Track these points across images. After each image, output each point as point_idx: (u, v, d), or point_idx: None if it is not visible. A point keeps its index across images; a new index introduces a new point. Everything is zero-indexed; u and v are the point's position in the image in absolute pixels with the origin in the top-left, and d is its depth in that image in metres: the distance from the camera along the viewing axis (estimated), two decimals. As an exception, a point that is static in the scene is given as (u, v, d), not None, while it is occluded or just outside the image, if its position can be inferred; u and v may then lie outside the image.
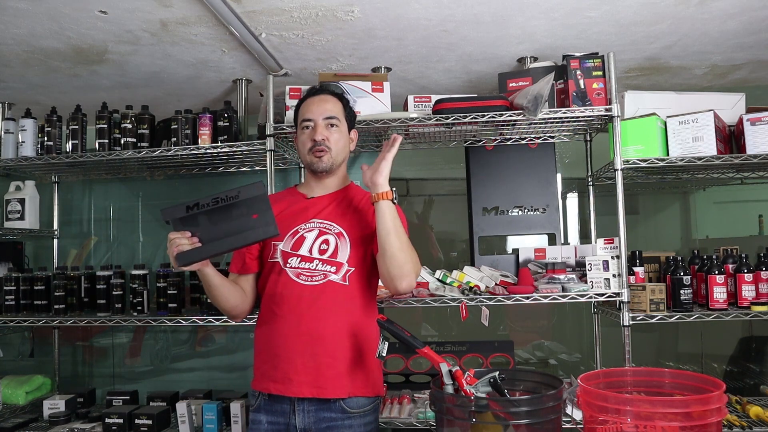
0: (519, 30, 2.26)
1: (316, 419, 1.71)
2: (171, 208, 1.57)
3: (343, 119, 1.86)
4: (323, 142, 1.80)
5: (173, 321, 2.44)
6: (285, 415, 1.73)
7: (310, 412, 1.71)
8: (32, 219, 2.94)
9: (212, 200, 1.57)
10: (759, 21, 2.23)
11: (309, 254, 1.76)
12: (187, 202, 1.56)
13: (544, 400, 1.39)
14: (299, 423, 1.71)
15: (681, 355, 3.32)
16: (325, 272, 1.74)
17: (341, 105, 1.88)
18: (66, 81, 2.67)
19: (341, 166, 1.89)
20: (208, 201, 1.57)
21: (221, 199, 1.57)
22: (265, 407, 1.76)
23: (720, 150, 2.28)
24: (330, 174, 1.87)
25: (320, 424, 1.71)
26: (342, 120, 1.86)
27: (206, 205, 1.56)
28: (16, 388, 2.78)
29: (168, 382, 3.07)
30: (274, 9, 2.03)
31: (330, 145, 1.82)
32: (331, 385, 1.71)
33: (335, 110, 1.85)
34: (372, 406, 1.79)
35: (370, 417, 1.79)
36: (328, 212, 1.82)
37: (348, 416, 1.72)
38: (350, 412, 1.73)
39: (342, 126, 1.85)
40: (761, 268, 2.23)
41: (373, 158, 2.92)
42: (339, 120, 1.84)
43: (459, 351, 2.71)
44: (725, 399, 1.33)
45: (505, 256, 2.70)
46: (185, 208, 1.55)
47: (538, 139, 2.67)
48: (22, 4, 1.95)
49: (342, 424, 1.72)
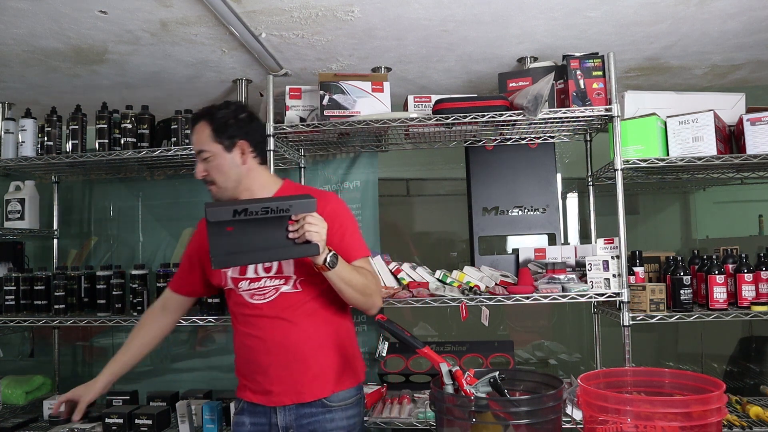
0: (519, 30, 2.26)
1: (297, 416, 1.75)
2: (216, 208, 1.50)
3: (214, 144, 1.74)
4: (204, 178, 1.78)
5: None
6: (266, 415, 1.77)
7: (290, 412, 1.75)
8: (32, 219, 2.94)
9: (262, 209, 1.50)
10: (759, 21, 2.23)
11: (256, 275, 1.77)
12: (235, 206, 1.50)
13: (544, 400, 1.39)
14: (281, 422, 1.75)
15: (681, 355, 3.32)
16: (275, 287, 1.75)
17: (209, 128, 1.75)
18: (66, 81, 2.67)
19: (246, 183, 1.78)
20: (258, 209, 1.50)
21: (271, 209, 1.51)
22: (247, 410, 1.81)
23: (720, 150, 2.28)
24: (242, 193, 1.79)
25: (301, 421, 1.74)
26: (212, 147, 1.74)
27: (255, 212, 1.50)
28: (16, 388, 2.78)
29: (168, 382, 3.07)
30: (274, 9, 2.03)
31: (210, 178, 1.77)
32: (309, 389, 1.74)
33: (202, 140, 1.75)
34: (354, 399, 1.81)
35: (353, 410, 1.80)
36: None
37: (329, 410, 1.75)
38: (331, 406, 1.75)
39: (214, 154, 1.74)
40: (761, 268, 2.23)
41: (373, 158, 2.94)
42: (207, 150, 1.74)
43: (459, 351, 2.71)
44: (725, 399, 1.33)
45: (505, 256, 2.70)
46: (233, 211, 1.49)
47: (538, 139, 2.67)
48: (22, 4, 1.95)
49: (323, 418, 1.75)
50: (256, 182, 1.80)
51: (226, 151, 1.75)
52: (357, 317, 2.88)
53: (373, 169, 2.94)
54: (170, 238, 3.17)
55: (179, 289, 1.97)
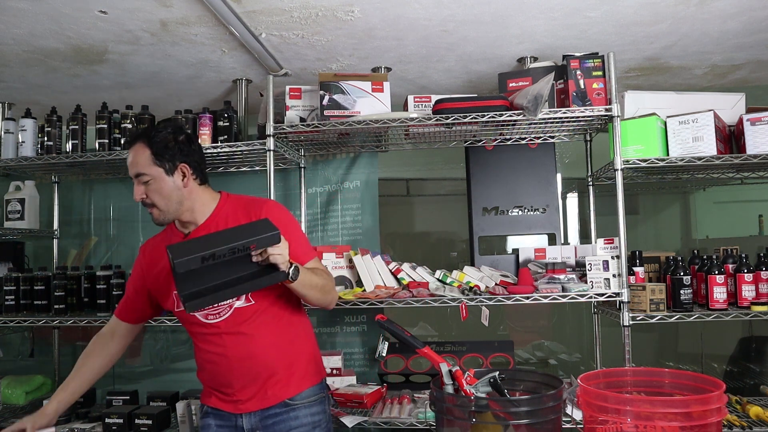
0: (519, 30, 2.26)
1: (262, 417, 1.76)
2: (184, 259, 1.45)
3: (153, 167, 1.70)
4: (143, 201, 1.74)
5: (173, 321, 2.44)
6: (231, 419, 1.78)
7: (255, 414, 1.76)
8: (32, 219, 2.94)
9: (229, 251, 1.48)
10: (759, 21, 2.23)
11: None
12: (202, 252, 1.46)
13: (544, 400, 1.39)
14: (246, 425, 1.77)
15: (681, 355, 3.32)
16: (228, 304, 1.73)
17: (148, 150, 1.71)
18: (66, 81, 2.67)
19: (187, 203, 1.75)
20: (225, 252, 1.48)
21: (238, 249, 1.49)
22: (212, 413, 1.82)
23: (720, 150, 2.28)
24: (183, 215, 1.76)
25: (266, 422, 1.76)
26: (151, 170, 1.70)
27: (222, 256, 1.48)
28: (16, 388, 2.78)
29: (168, 382, 3.07)
30: (274, 9, 2.03)
31: (150, 201, 1.73)
32: (273, 393, 1.76)
33: (140, 163, 1.71)
34: (317, 397, 1.82)
35: (317, 407, 1.81)
36: None
37: (292, 408, 1.76)
38: (294, 405, 1.76)
39: (153, 177, 1.71)
40: (761, 268, 2.23)
41: (373, 158, 2.94)
42: (146, 174, 1.70)
43: (459, 351, 2.71)
44: (725, 399, 1.33)
45: (505, 256, 2.70)
46: (200, 259, 1.45)
47: (538, 139, 2.67)
48: (22, 4, 1.95)
49: (287, 416, 1.76)
50: (197, 202, 1.77)
51: (168, 174, 1.72)
52: (356, 317, 2.88)
53: (373, 169, 2.94)
54: (170, 238, 3.17)
55: (127, 317, 1.94)
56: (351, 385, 2.54)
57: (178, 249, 1.50)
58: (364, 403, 2.35)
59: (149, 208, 1.75)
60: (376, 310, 2.55)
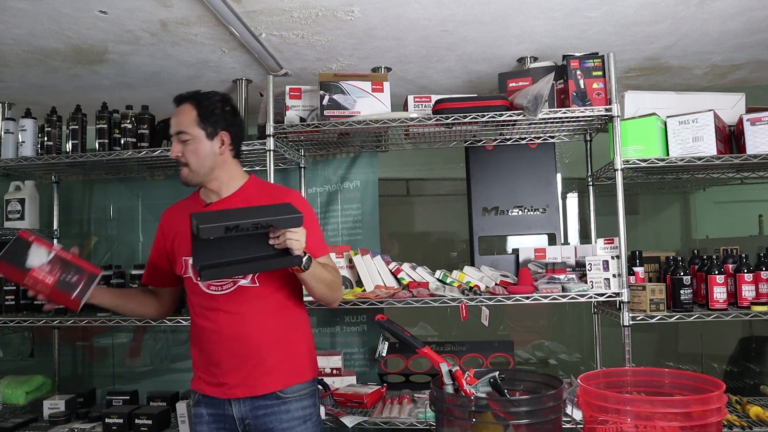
0: (519, 30, 2.26)
1: (252, 407, 1.76)
2: (208, 226, 1.47)
3: (196, 128, 1.77)
4: (177, 159, 1.79)
5: (173, 321, 2.44)
6: (222, 407, 1.78)
7: (245, 403, 1.76)
8: (32, 219, 2.93)
9: (252, 225, 1.51)
10: (759, 21, 2.23)
11: None
12: (227, 222, 1.48)
13: (544, 400, 1.39)
14: (236, 413, 1.77)
15: (681, 355, 3.32)
16: (233, 279, 1.75)
17: (195, 112, 1.78)
18: (66, 81, 2.67)
19: (217, 172, 1.81)
20: (249, 225, 1.51)
21: (261, 225, 1.53)
22: (203, 401, 1.82)
23: (720, 150, 2.28)
24: (209, 182, 1.82)
25: (256, 412, 1.76)
26: (193, 131, 1.77)
27: (246, 229, 1.51)
28: (16, 388, 2.78)
29: (168, 382, 3.07)
30: (274, 9, 2.03)
31: (185, 160, 1.78)
32: (262, 383, 1.76)
33: (185, 122, 1.77)
34: (308, 391, 1.83)
35: (308, 401, 1.82)
36: None
37: (283, 402, 1.77)
38: (284, 398, 1.77)
39: (194, 137, 1.77)
40: (761, 268, 2.23)
41: (373, 158, 2.94)
42: (188, 133, 1.77)
43: (459, 351, 2.71)
44: (725, 399, 1.33)
45: (505, 256, 2.70)
46: (224, 228, 1.48)
47: (538, 139, 2.67)
48: (22, 4, 1.95)
49: (279, 409, 1.76)
50: (226, 173, 1.83)
51: (208, 138, 1.78)
52: (356, 317, 2.88)
53: (373, 169, 2.94)
54: (170, 238, 3.17)
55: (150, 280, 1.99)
56: (351, 385, 2.54)
57: (202, 216, 1.53)
58: (364, 403, 2.35)
59: (181, 166, 1.80)
60: (376, 310, 2.55)
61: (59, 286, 1.70)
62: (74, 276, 1.73)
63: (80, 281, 1.73)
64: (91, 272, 1.76)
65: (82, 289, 1.73)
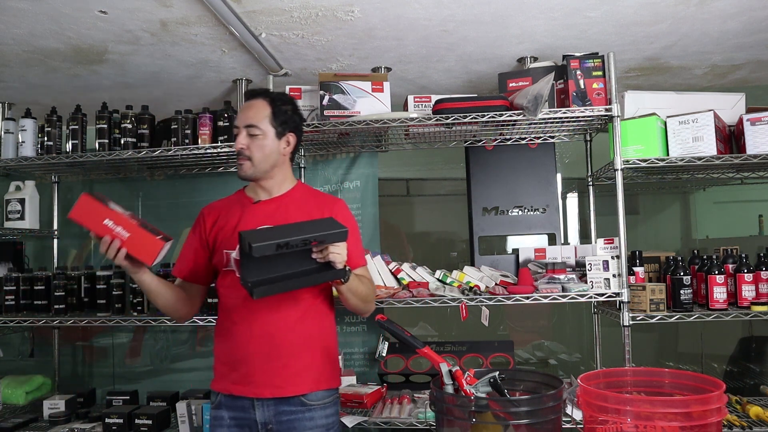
0: (519, 30, 2.26)
1: (276, 413, 1.75)
2: (261, 244, 1.50)
3: (268, 125, 1.80)
4: (242, 151, 1.80)
5: (173, 321, 2.44)
6: (246, 410, 1.76)
7: (269, 407, 1.75)
8: (32, 219, 2.94)
9: (302, 241, 1.55)
10: (759, 21, 2.23)
11: None
12: (278, 240, 1.52)
13: (544, 400, 1.39)
14: (259, 417, 1.75)
15: (681, 355, 3.32)
16: None
17: (270, 110, 1.81)
18: (66, 81, 2.67)
19: (275, 171, 1.84)
20: (298, 242, 1.54)
21: (309, 240, 1.56)
22: (225, 403, 1.80)
23: (720, 150, 2.28)
24: (265, 179, 1.84)
25: (280, 417, 1.75)
26: (265, 127, 1.80)
27: (294, 246, 1.54)
28: (16, 388, 2.78)
29: (168, 382, 3.07)
30: (274, 9, 2.03)
31: (250, 154, 1.79)
32: (290, 384, 1.75)
33: (257, 117, 1.80)
34: (332, 398, 1.83)
35: (331, 409, 1.82)
36: (277, 217, 1.82)
37: (308, 409, 1.76)
38: (310, 404, 1.76)
39: (264, 134, 1.80)
40: (761, 268, 2.23)
41: (373, 158, 2.93)
42: (259, 128, 1.79)
43: (459, 351, 2.71)
44: (725, 399, 1.33)
45: (505, 256, 2.70)
46: (275, 246, 1.51)
47: (538, 139, 2.67)
48: (22, 4, 1.95)
49: (303, 416, 1.75)
50: (281, 174, 1.87)
51: (277, 136, 1.82)
52: (356, 317, 2.88)
53: (373, 169, 2.94)
54: (170, 238, 3.17)
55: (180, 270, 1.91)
56: (351, 385, 2.54)
57: (254, 235, 1.55)
58: (364, 403, 2.35)
59: (243, 159, 1.80)
60: (376, 310, 2.54)
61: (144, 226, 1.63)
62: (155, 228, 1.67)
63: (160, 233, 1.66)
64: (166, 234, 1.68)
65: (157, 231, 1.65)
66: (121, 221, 1.61)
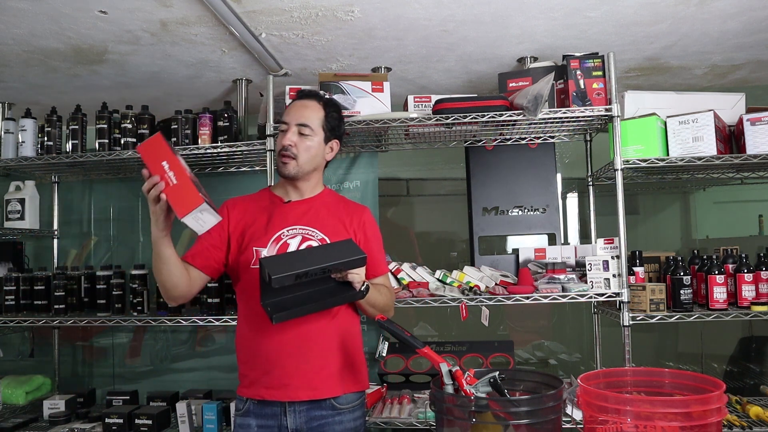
0: (519, 30, 2.26)
1: (308, 419, 1.74)
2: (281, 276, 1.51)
3: (319, 128, 1.82)
4: (289, 148, 1.79)
5: (173, 321, 2.44)
6: (276, 417, 1.75)
7: (301, 413, 1.74)
8: (32, 219, 2.94)
9: (321, 270, 1.57)
10: (759, 21, 2.23)
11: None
12: (297, 271, 1.53)
13: (544, 400, 1.39)
14: (291, 424, 1.74)
15: (681, 355, 3.32)
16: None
17: (323, 113, 1.84)
18: (66, 81, 2.67)
19: (313, 173, 1.86)
20: (317, 271, 1.56)
21: (329, 269, 1.59)
22: (254, 411, 1.76)
23: (720, 150, 2.28)
24: (302, 180, 1.84)
25: (312, 423, 1.74)
26: (317, 129, 1.81)
27: (315, 274, 1.56)
28: (16, 388, 2.78)
29: (168, 382, 3.07)
30: (274, 9, 2.03)
31: (297, 152, 1.79)
32: (325, 386, 1.74)
33: (312, 118, 1.81)
34: (360, 401, 1.83)
35: (359, 412, 1.83)
36: (308, 218, 1.82)
37: (338, 413, 1.76)
38: (340, 408, 1.76)
39: (314, 135, 1.81)
40: (761, 268, 2.23)
41: (373, 158, 2.93)
42: (311, 129, 1.80)
43: (459, 351, 2.71)
44: (725, 399, 1.33)
45: (505, 256, 2.70)
46: (294, 277, 1.53)
47: (538, 139, 2.67)
48: (22, 4, 1.95)
49: (333, 420, 1.75)
50: (315, 178, 1.88)
51: (324, 140, 1.85)
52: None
53: (373, 169, 2.94)
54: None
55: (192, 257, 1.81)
56: (351, 385, 2.53)
57: (274, 263, 1.56)
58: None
59: (288, 158, 1.79)
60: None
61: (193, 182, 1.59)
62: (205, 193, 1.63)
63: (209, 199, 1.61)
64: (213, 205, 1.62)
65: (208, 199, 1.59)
66: (176, 168, 1.59)
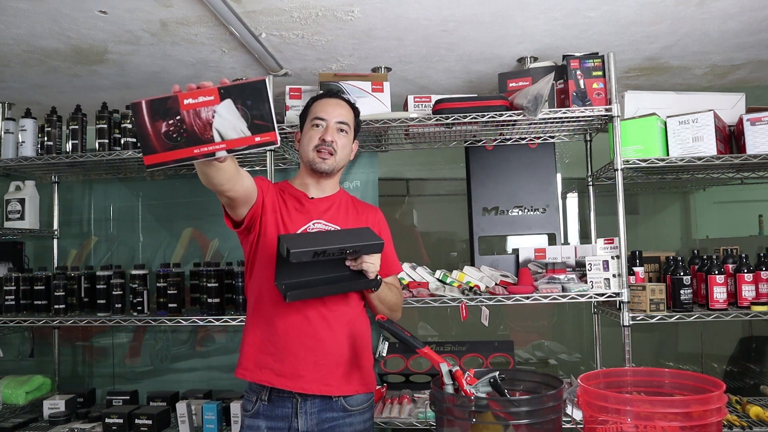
0: (519, 30, 2.26)
1: (319, 420, 1.73)
2: (300, 251, 1.52)
3: (352, 129, 1.90)
4: (331, 143, 1.81)
5: (173, 321, 2.44)
6: (287, 419, 1.73)
7: (313, 414, 1.73)
8: (32, 219, 2.94)
9: (339, 250, 1.58)
10: (759, 21, 2.23)
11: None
12: (315, 247, 1.54)
13: (544, 400, 1.39)
14: (302, 425, 1.72)
15: (681, 355, 3.32)
16: None
17: (353, 114, 1.92)
18: (66, 81, 2.67)
19: (339, 172, 1.92)
20: (335, 251, 1.58)
21: (346, 250, 1.60)
22: (264, 412, 1.74)
23: (720, 150, 2.28)
24: (330, 177, 1.88)
25: (323, 425, 1.73)
26: (351, 129, 1.89)
27: (331, 254, 1.58)
28: (16, 388, 2.78)
29: (168, 382, 3.07)
30: (274, 9, 2.03)
31: (336, 149, 1.83)
32: (338, 384, 1.74)
33: (348, 116, 1.88)
34: (369, 403, 1.84)
35: (368, 414, 1.83)
36: (331, 214, 1.85)
37: (348, 414, 1.76)
38: (350, 409, 1.77)
39: (350, 135, 1.89)
40: (761, 268, 2.23)
41: (373, 158, 2.93)
42: (350, 127, 1.88)
43: (459, 351, 2.71)
44: (725, 399, 1.33)
45: (505, 256, 2.70)
46: (313, 253, 1.54)
47: (538, 139, 2.67)
48: (22, 4, 1.95)
49: (343, 422, 1.75)
50: (338, 176, 1.93)
51: (353, 140, 1.93)
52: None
53: (373, 169, 2.94)
54: (170, 238, 3.18)
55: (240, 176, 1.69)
56: (351, 385, 2.53)
57: (292, 240, 1.57)
58: (364, 403, 2.35)
59: (327, 154, 1.82)
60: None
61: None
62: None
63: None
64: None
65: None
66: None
